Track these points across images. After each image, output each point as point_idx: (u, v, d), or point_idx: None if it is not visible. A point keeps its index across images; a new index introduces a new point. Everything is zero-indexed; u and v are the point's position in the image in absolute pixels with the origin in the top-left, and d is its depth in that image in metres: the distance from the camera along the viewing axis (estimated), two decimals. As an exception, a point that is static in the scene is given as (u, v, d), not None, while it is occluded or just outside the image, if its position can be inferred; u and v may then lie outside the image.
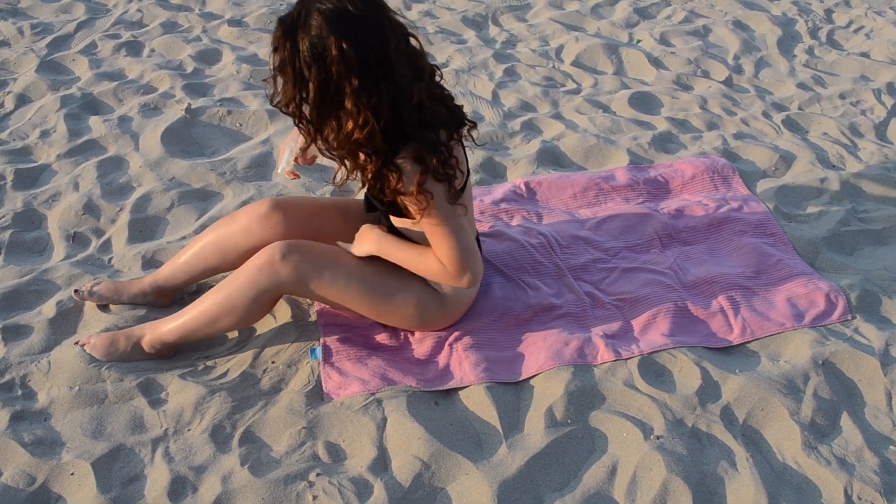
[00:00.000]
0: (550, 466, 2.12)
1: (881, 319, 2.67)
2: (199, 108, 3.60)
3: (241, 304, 2.29)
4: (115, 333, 2.38)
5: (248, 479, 2.03)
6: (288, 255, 2.27)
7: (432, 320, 2.45)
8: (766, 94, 4.20)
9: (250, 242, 2.46)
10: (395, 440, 2.15)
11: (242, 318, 2.33)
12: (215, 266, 2.52)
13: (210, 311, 2.31)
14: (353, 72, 1.95)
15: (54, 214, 2.97)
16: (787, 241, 2.98)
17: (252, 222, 2.46)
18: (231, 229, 2.48)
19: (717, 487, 2.08)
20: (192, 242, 2.54)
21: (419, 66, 2.08)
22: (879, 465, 2.15)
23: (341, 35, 1.92)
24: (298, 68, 1.97)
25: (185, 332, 2.35)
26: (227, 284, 2.31)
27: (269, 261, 2.27)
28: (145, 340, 2.37)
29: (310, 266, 2.29)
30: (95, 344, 2.36)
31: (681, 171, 3.35)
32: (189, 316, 2.33)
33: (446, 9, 4.92)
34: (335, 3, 1.93)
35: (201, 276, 2.55)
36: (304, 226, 2.49)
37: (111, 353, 2.35)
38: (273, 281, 2.28)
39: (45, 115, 3.53)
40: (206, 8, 4.69)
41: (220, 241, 2.49)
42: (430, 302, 2.41)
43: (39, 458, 2.08)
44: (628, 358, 2.41)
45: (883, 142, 3.82)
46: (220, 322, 2.32)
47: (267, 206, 2.47)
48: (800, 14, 5.22)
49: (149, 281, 2.57)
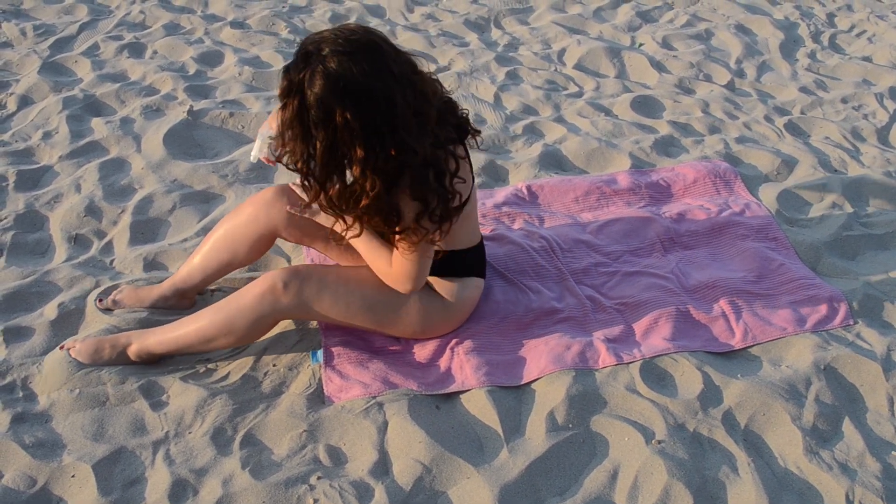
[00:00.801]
0: (552, 471, 2.11)
1: (883, 324, 2.66)
2: (201, 110, 3.60)
3: (240, 326, 2.29)
4: (101, 339, 2.36)
5: (248, 483, 2.03)
6: (289, 283, 2.28)
7: (436, 327, 2.45)
8: (768, 98, 4.19)
9: (258, 231, 2.44)
10: (396, 444, 2.15)
11: (239, 340, 2.33)
12: (228, 261, 2.50)
13: (207, 331, 2.30)
14: (358, 140, 1.96)
15: (56, 216, 2.97)
16: (789, 245, 2.98)
17: (258, 210, 2.44)
18: (238, 220, 2.46)
19: (719, 492, 2.08)
20: (204, 241, 2.53)
21: (426, 112, 2.05)
22: (881, 471, 2.14)
23: (345, 105, 1.91)
24: (307, 126, 1.96)
25: (177, 347, 2.34)
26: (226, 305, 2.30)
27: (271, 289, 2.27)
28: (132, 349, 2.35)
29: (311, 292, 2.30)
30: (80, 349, 2.34)
31: (683, 174, 3.35)
32: (183, 332, 2.32)
33: (449, 12, 4.92)
34: (339, 67, 1.90)
35: (217, 274, 2.54)
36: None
37: (95, 359, 2.33)
38: (275, 308, 2.28)
39: (47, 117, 3.54)
40: (208, 10, 4.69)
41: (229, 235, 2.48)
42: (432, 310, 2.41)
43: (40, 460, 2.07)
44: (630, 362, 2.41)
45: (885, 146, 3.82)
46: (216, 342, 2.32)
47: (272, 192, 2.44)
48: (802, 18, 5.21)
49: (168, 285, 2.56)
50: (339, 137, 1.95)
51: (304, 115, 1.94)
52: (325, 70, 1.90)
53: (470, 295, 2.48)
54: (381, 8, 4.93)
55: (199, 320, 2.32)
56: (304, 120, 1.95)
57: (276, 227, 2.43)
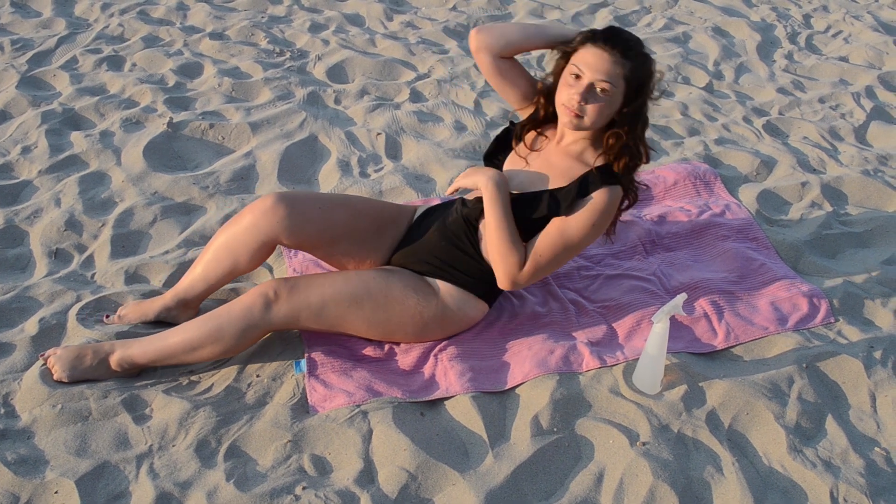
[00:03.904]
0: (537, 475, 2.11)
1: (864, 322, 2.68)
2: (181, 122, 3.59)
3: (228, 334, 2.29)
4: (83, 347, 2.34)
5: (233, 494, 2.02)
6: (279, 291, 2.30)
7: (427, 332, 2.47)
8: (746, 99, 4.22)
9: (258, 239, 2.43)
10: (381, 452, 2.15)
11: (225, 349, 2.32)
12: (229, 269, 2.49)
13: (194, 339, 2.30)
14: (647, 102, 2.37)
15: (36, 231, 2.95)
16: (769, 245, 3.00)
17: (258, 218, 2.42)
18: (238, 228, 2.45)
19: (704, 492, 2.09)
20: (204, 250, 2.52)
21: None
22: (865, 467, 2.16)
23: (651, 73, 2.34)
24: (634, 86, 2.29)
25: (160, 356, 2.33)
26: (216, 314, 2.31)
27: (263, 297, 2.29)
28: (114, 358, 2.34)
29: (300, 299, 2.31)
30: (61, 355, 2.32)
31: (663, 177, 3.37)
32: (170, 342, 2.32)
33: (428, 19, 4.94)
34: (647, 53, 2.34)
35: (219, 283, 2.52)
36: (310, 220, 2.45)
37: (76, 366, 2.31)
38: (265, 320, 2.30)
39: (25, 131, 3.52)
40: (187, 22, 4.69)
41: (230, 243, 2.46)
42: (426, 314, 2.42)
43: (23, 476, 2.06)
44: (613, 365, 2.41)
45: (863, 145, 3.85)
46: (202, 350, 2.31)
47: (272, 199, 2.43)
48: (778, 20, 5.26)
49: (170, 295, 2.54)
50: (643, 101, 2.36)
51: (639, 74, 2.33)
52: (645, 51, 2.36)
53: (470, 314, 2.50)
54: (361, 17, 4.94)
55: (187, 329, 2.31)
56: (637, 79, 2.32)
57: (277, 233, 2.42)
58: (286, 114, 3.73)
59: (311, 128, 3.65)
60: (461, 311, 2.47)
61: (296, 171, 3.41)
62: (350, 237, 2.52)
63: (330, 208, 2.50)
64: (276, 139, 3.56)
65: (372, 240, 2.56)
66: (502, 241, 2.34)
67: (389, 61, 4.32)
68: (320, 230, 2.46)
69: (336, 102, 3.93)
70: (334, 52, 4.37)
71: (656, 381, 2.33)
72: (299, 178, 3.37)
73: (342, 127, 3.70)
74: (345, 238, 2.51)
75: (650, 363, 2.30)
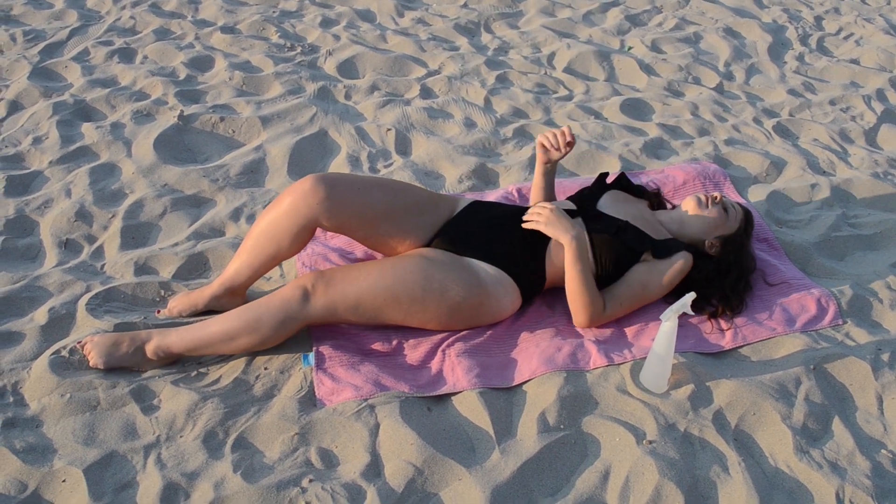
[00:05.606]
0: (543, 472, 2.12)
1: (872, 324, 2.68)
2: (191, 115, 3.60)
3: (266, 324, 2.31)
4: (120, 335, 2.36)
5: (240, 486, 2.03)
6: (317, 284, 2.33)
7: (458, 319, 2.49)
8: (756, 100, 4.22)
9: (299, 222, 2.43)
10: (387, 446, 2.15)
11: (263, 339, 2.34)
12: (273, 254, 2.49)
13: (231, 330, 2.32)
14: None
15: (46, 221, 2.96)
16: (778, 246, 2.99)
17: (297, 201, 2.43)
18: (278, 212, 2.45)
19: (710, 492, 2.09)
20: (248, 235, 2.53)
21: None
22: (871, 469, 2.16)
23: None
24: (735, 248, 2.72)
25: (198, 346, 2.35)
26: (255, 305, 2.33)
27: (302, 294, 2.32)
28: (150, 346, 2.35)
29: (338, 290, 2.34)
30: (98, 342, 2.34)
31: (672, 176, 3.36)
32: (207, 331, 2.34)
33: (439, 16, 4.94)
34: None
35: (263, 268, 2.53)
36: (350, 201, 2.45)
37: (112, 353, 2.33)
38: (303, 313, 2.33)
39: (37, 122, 3.53)
40: (198, 15, 4.70)
41: (270, 228, 2.47)
42: (458, 299, 2.45)
43: (31, 465, 2.07)
44: (621, 363, 2.42)
45: (873, 147, 3.84)
46: (239, 340, 2.33)
47: (311, 181, 2.44)
48: (790, 21, 5.25)
49: (217, 284, 2.56)
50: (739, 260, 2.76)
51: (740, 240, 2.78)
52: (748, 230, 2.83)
53: (504, 304, 2.53)
54: (372, 13, 4.95)
55: (225, 319, 2.34)
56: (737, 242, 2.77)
57: (316, 215, 2.43)
58: (297, 108, 3.74)
59: (322, 123, 3.66)
60: (498, 301, 2.49)
61: (306, 165, 3.42)
62: (389, 218, 2.52)
63: (368, 189, 2.49)
64: (286, 133, 3.57)
65: (411, 221, 2.55)
66: (587, 290, 2.50)
67: (400, 57, 4.33)
68: (359, 211, 2.46)
69: (346, 98, 3.94)
70: (345, 48, 4.38)
71: (663, 380, 2.33)
72: (309, 173, 3.38)
73: (352, 122, 3.70)
74: (384, 219, 2.51)
75: (658, 362, 2.30)
